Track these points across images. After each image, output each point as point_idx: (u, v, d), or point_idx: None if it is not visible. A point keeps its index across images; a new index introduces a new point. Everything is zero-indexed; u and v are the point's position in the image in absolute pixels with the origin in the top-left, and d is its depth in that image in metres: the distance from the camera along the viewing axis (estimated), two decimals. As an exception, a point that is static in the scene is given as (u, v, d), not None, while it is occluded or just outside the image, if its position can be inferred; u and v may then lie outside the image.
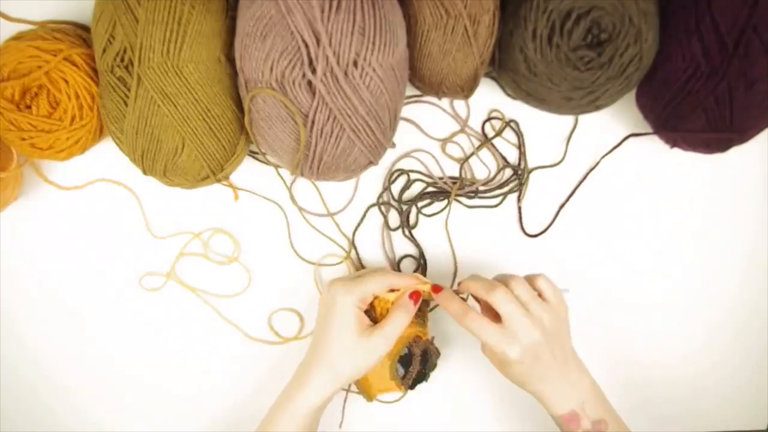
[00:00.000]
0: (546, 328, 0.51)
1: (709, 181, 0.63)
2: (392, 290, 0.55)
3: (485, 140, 0.62)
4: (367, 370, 0.54)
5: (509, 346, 0.51)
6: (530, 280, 0.54)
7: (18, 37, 0.52)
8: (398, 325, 0.53)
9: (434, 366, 0.59)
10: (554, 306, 0.53)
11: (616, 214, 0.64)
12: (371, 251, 0.64)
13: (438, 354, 0.59)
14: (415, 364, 0.57)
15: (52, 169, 0.61)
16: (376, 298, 0.55)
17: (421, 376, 0.58)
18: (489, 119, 0.62)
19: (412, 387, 0.58)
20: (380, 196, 0.63)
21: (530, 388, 0.53)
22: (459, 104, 0.62)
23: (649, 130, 0.57)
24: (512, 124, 0.62)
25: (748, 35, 0.47)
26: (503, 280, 0.53)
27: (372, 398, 0.60)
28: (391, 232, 0.63)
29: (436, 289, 0.55)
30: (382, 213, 0.63)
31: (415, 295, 0.55)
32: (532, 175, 0.63)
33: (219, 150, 0.52)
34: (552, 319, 0.52)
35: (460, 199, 0.63)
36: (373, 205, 0.63)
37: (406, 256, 0.64)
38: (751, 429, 0.68)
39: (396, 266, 0.64)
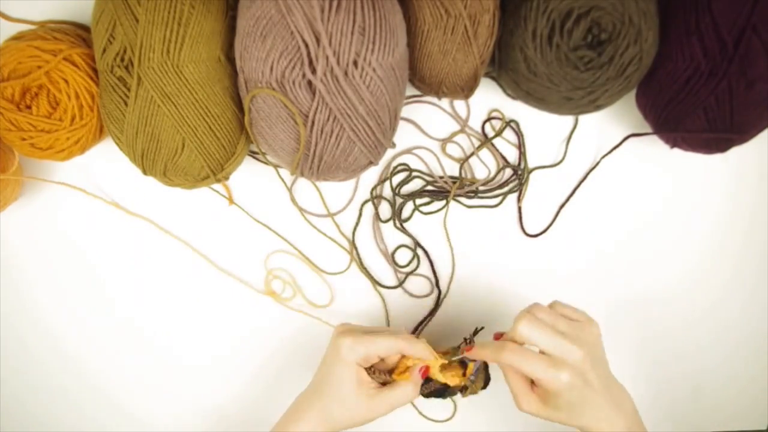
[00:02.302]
0: (587, 345, 0.47)
1: (709, 181, 0.63)
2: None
3: (485, 140, 0.62)
4: (363, 424, 0.52)
5: (558, 370, 0.46)
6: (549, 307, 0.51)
7: (18, 37, 0.52)
8: (405, 396, 0.52)
9: (454, 393, 0.57)
10: (585, 324, 0.49)
11: (616, 214, 0.64)
12: (367, 245, 0.64)
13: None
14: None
15: (53, 169, 0.61)
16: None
17: (439, 393, 0.56)
18: (489, 119, 0.62)
19: (426, 395, 0.56)
20: (374, 189, 0.63)
21: (581, 419, 0.48)
22: (459, 104, 0.62)
23: (649, 130, 0.57)
24: (512, 124, 0.62)
25: (748, 35, 0.47)
26: (522, 315, 0.49)
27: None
28: (383, 224, 0.63)
29: (468, 349, 0.52)
30: (374, 204, 0.63)
31: (424, 371, 0.53)
32: (532, 175, 0.63)
33: (219, 150, 0.52)
34: (587, 336, 0.48)
35: (459, 198, 0.63)
36: (367, 201, 0.63)
37: (400, 246, 0.64)
38: (751, 429, 0.68)
39: (391, 258, 0.64)
